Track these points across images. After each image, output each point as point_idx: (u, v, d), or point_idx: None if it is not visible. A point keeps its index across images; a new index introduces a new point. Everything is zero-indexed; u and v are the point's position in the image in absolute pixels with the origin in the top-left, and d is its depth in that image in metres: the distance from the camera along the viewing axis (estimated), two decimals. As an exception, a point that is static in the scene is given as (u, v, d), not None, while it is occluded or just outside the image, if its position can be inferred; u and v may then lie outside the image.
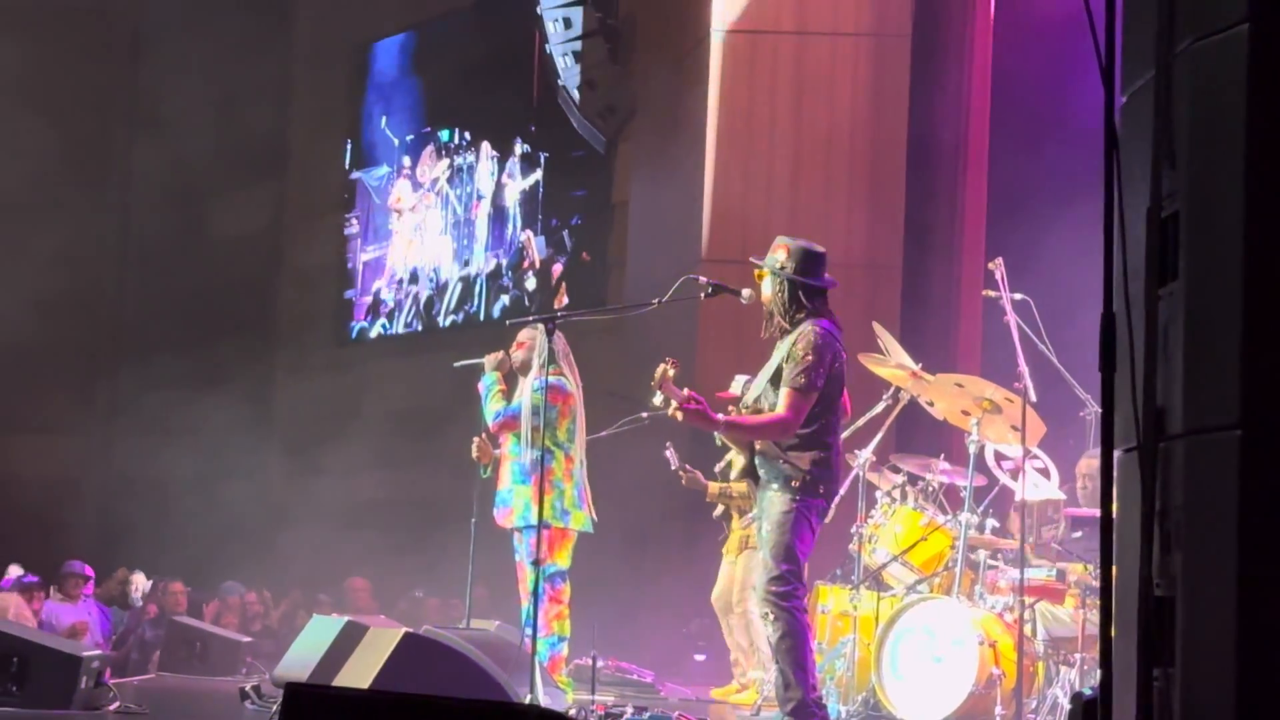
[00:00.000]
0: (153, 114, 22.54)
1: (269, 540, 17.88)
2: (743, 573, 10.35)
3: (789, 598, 7.04)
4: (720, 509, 10.54)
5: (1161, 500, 3.80)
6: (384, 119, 19.93)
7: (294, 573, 16.78)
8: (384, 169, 19.84)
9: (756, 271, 7.45)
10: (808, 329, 7.15)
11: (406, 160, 19.44)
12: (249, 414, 20.37)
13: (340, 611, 12.11)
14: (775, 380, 7.16)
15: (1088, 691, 4.20)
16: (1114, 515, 4.01)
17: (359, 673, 7.52)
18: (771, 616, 7.05)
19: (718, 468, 10.50)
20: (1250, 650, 3.54)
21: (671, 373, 7.16)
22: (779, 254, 7.34)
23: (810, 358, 7.04)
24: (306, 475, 19.26)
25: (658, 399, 7.21)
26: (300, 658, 9.01)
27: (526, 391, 9.19)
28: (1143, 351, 3.87)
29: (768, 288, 7.38)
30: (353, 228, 20.22)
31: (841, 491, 8.63)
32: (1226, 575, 3.58)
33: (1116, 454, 4.05)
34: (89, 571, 14.24)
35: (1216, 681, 3.59)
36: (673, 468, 10.41)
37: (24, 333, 20.55)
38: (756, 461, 7.22)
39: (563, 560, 9.03)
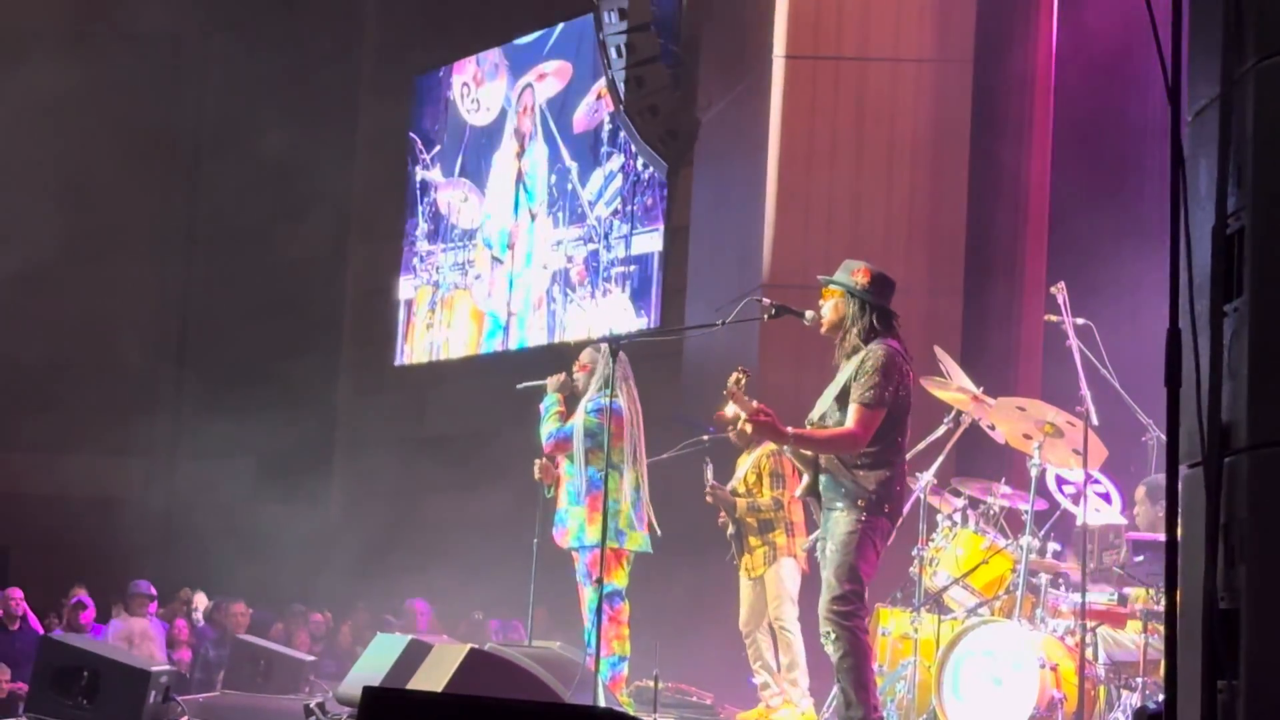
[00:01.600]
0: (217, 140, 22.78)
1: (330, 560, 17.98)
2: (775, 585, 10.32)
3: (851, 617, 7.07)
4: (732, 529, 10.49)
5: (1226, 514, 3.83)
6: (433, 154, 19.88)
7: (355, 593, 16.87)
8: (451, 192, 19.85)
9: (825, 289, 7.50)
10: (876, 348, 7.21)
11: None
12: (311, 435, 20.53)
13: (402, 633, 12.17)
14: (841, 399, 7.21)
15: (1151, 706, 4.22)
16: (1179, 531, 4.05)
17: (425, 687, 7.58)
18: (833, 635, 7.08)
19: (728, 487, 10.50)
20: (1315, 661, 3.58)
21: (744, 381, 7.22)
22: (858, 276, 7.41)
23: (879, 375, 7.11)
24: (368, 496, 19.37)
25: (729, 409, 7.26)
26: (365, 675, 9.07)
27: (579, 414, 9.28)
28: (1208, 367, 3.90)
29: (835, 308, 7.43)
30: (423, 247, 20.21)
31: (903, 514, 8.67)
32: (1292, 587, 3.62)
33: (1182, 471, 4.08)
34: (153, 591, 14.36)
35: (1281, 692, 3.63)
36: (709, 483, 10.39)
37: (87, 354, 20.78)
38: (822, 480, 7.25)
39: (619, 580, 9.11)
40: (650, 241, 16.20)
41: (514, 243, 18.24)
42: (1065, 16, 12.83)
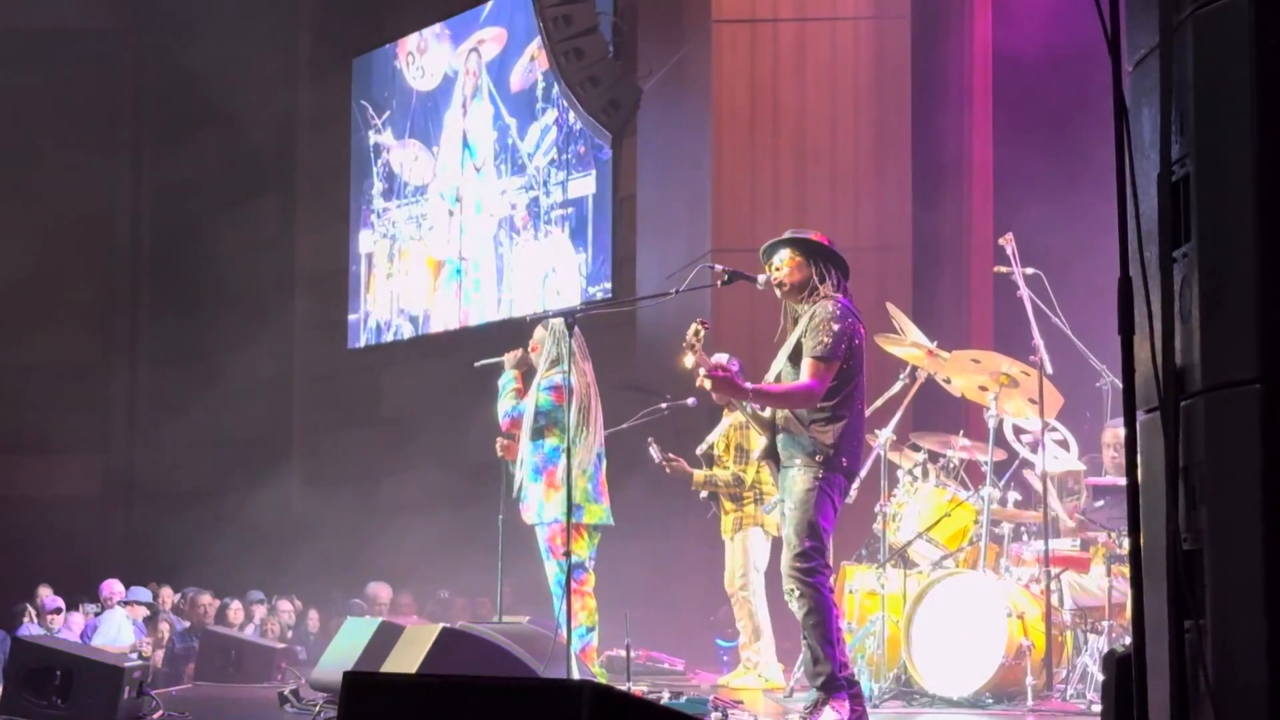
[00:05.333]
0: (158, 133, 22.68)
1: (294, 547, 17.98)
2: (740, 553, 10.39)
3: (814, 574, 7.07)
4: (704, 493, 10.54)
5: (1185, 457, 3.88)
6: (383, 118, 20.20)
7: (321, 579, 16.88)
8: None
9: (783, 256, 7.40)
10: (826, 303, 7.21)
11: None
12: (268, 422, 20.49)
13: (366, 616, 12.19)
14: (794, 357, 7.22)
15: (1119, 649, 4.29)
16: (1139, 477, 4.10)
17: (399, 669, 7.61)
18: (797, 593, 7.10)
19: (699, 450, 10.54)
20: (1279, 597, 3.63)
21: (703, 333, 7.20)
22: (815, 237, 7.42)
23: (829, 329, 7.10)
24: (329, 480, 19.36)
25: (689, 360, 7.23)
26: (337, 659, 9.10)
27: (533, 391, 9.31)
28: (1160, 313, 3.95)
29: (798, 269, 7.36)
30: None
31: (864, 472, 8.73)
32: (1253, 525, 3.66)
33: (1139, 416, 4.13)
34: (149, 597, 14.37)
35: (1247, 630, 3.67)
36: (657, 461, 10.43)
37: (41, 353, 20.69)
38: (780, 439, 7.25)
39: (580, 552, 9.14)
40: (584, 185, 17.03)
41: (461, 196, 18.94)
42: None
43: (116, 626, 13.48)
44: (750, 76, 13.60)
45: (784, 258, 7.40)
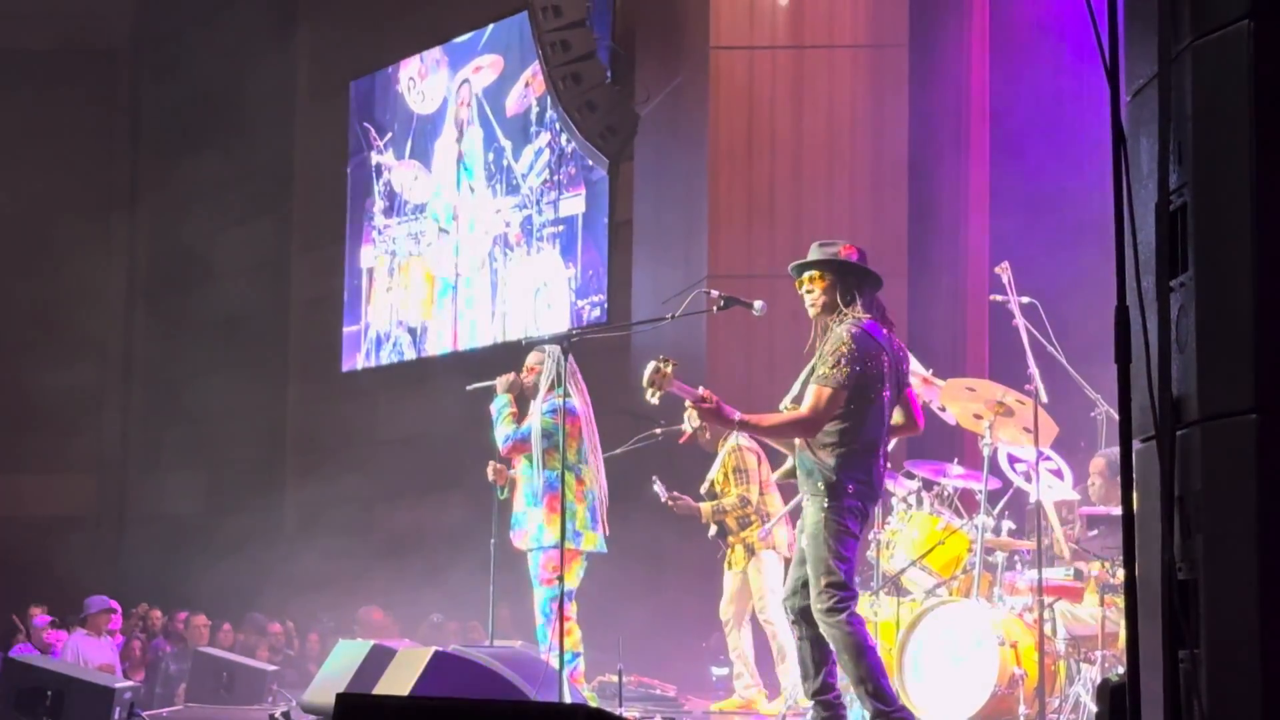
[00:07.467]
0: (156, 152, 22.69)
1: (285, 570, 17.95)
2: (758, 578, 10.35)
3: (834, 612, 6.82)
4: (714, 528, 10.47)
5: (1181, 486, 3.88)
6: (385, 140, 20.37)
7: (312, 602, 16.84)
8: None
9: (811, 275, 7.31)
10: (843, 328, 7.04)
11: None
12: (262, 445, 20.47)
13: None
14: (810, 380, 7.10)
15: (1114, 679, 4.27)
16: (1135, 505, 4.10)
17: (392, 692, 7.58)
18: (827, 632, 6.86)
19: (703, 489, 10.51)
20: (1274, 627, 3.63)
21: (668, 369, 6.97)
22: (843, 252, 7.27)
23: (839, 355, 6.93)
24: (321, 504, 19.32)
25: (654, 400, 7.04)
26: (328, 682, 9.07)
27: (535, 415, 9.28)
28: (1156, 342, 3.95)
29: (827, 290, 7.22)
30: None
31: (879, 494, 8.66)
32: (1247, 554, 3.67)
33: (1135, 445, 4.13)
34: (115, 605, 14.28)
35: (1241, 659, 3.67)
36: (663, 500, 10.37)
37: (34, 372, 20.67)
38: (798, 466, 7.13)
39: (570, 580, 9.10)
40: (574, 204, 17.50)
41: (458, 214, 19.35)
42: (998, -3, 12.94)
43: (73, 649, 13.39)
44: (748, 103, 13.63)
45: (811, 278, 7.26)
